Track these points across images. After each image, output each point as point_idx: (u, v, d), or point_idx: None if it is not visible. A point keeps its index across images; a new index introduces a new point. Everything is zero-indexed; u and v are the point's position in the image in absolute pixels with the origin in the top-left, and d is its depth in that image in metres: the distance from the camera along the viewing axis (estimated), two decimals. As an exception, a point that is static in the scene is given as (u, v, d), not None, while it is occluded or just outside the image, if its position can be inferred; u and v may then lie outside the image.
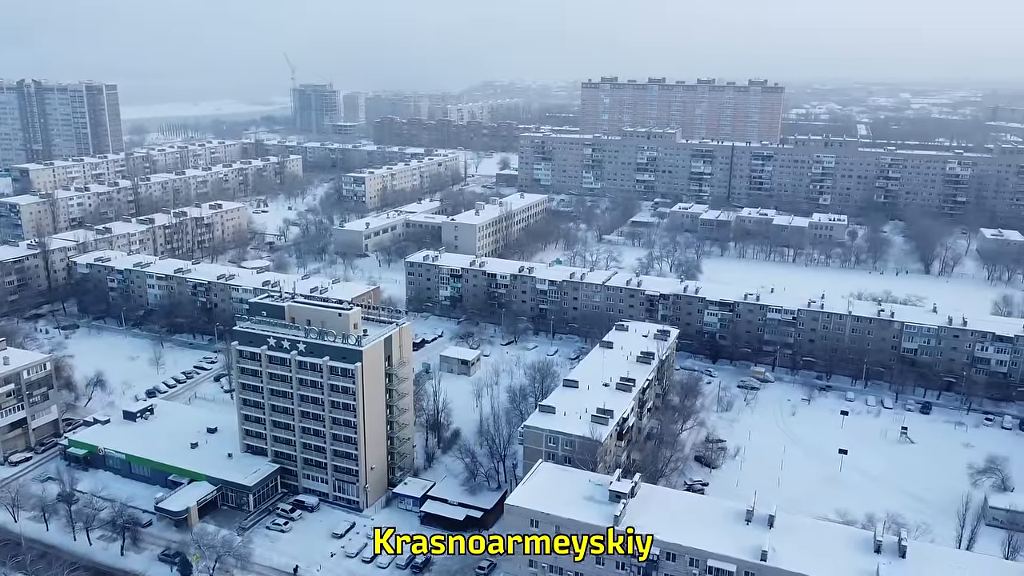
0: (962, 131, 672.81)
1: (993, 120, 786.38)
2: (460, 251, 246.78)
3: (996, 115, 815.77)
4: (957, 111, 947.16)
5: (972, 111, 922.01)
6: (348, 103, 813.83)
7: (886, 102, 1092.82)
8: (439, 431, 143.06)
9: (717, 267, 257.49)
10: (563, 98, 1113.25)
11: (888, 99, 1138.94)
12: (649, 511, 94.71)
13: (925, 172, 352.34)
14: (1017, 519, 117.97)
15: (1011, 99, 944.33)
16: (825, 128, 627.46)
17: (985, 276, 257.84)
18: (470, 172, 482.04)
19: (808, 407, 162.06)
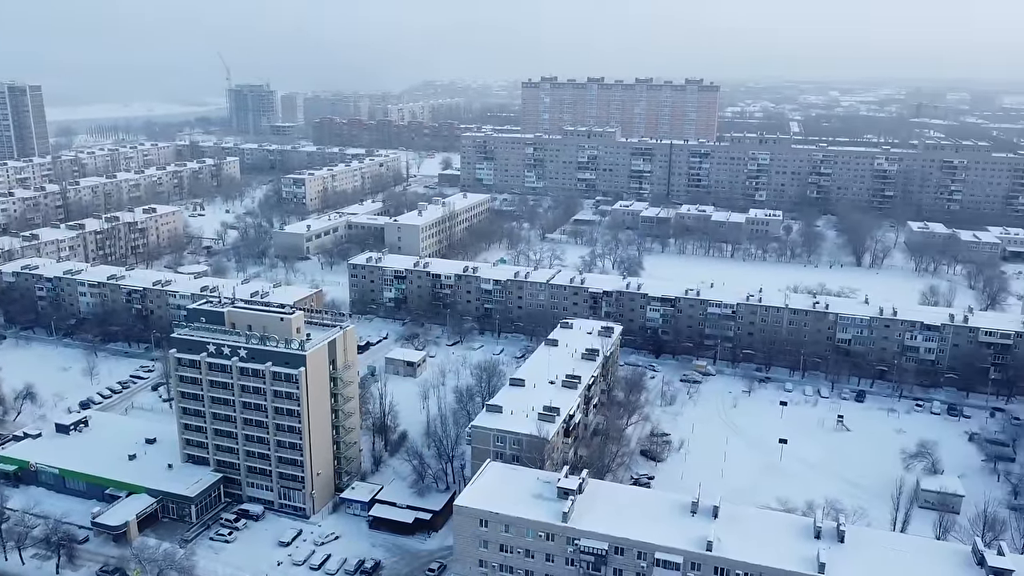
0: (888, 128, 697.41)
1: (917, 117, 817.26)
2: (404, 252, 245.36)
3: (920, 112, 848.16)
4: (883, 109, 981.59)
5: (897, 108, 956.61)
6: (286, 103, 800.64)
7: (817, 100, 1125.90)
8: (386, 434, 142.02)
9: (658, 263, 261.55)
10: (504, 97, 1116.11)
11: (818, 97, 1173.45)
12: (596, 507, 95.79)
13: (855, 168, 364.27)
14: (947, 500, 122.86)
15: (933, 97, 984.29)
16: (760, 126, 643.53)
17: (913, 267, 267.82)
18: (412, 172, 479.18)
19: (749, 399, 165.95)
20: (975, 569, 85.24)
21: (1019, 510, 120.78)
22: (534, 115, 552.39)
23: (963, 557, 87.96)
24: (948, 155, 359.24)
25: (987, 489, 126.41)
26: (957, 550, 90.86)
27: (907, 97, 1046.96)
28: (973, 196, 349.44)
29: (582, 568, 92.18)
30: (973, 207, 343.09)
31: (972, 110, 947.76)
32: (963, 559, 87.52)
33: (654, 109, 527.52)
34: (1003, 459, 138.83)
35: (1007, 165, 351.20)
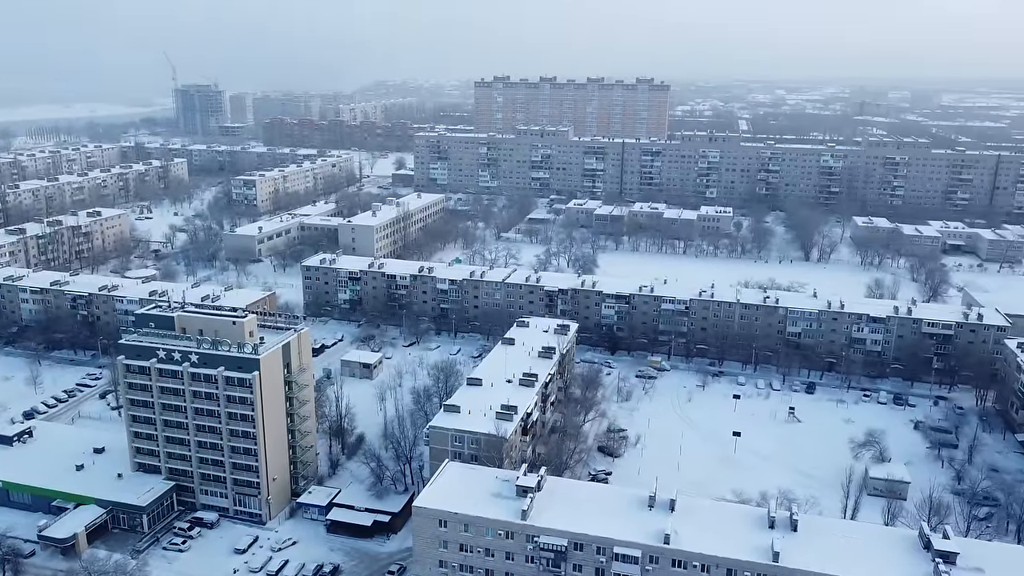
0: (833, 125, 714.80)
1: (860, 115, 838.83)
2: (358, 253, 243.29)
3: (863, 110, 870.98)
4: (828, 107, 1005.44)
5: (841, 107, 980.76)
6: (235, 104, 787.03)
7: (764, 99, 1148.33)
8: (343, 437, 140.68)
9: (612, 261, 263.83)
10: (457, 97, 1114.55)
11: (766, 96, 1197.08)
12: (555, 504, 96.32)
13: (802, 165, 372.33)
14: (894, 487, 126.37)
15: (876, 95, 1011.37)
16: (709, 124, 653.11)
17: (859, 261, 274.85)
18: (365, 173, 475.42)
19: (703, 393, 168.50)
20: (922, 553, 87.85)
21: (962, 495, 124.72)
22: (487, 115, 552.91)
23: (910, 541, 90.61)
24: (890, 152, 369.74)
25: (932, 475, 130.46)
26: (905, 535, 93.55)
27: (851, 96, 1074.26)
28: (914, 191, 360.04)
29: (542, 565, 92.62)
30: (915, 202, 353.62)
31: (912, 108, 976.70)
32: (910, 543, 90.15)
33: (606, 108, 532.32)
34: (946, 446, 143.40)
35: (946, 161, 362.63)
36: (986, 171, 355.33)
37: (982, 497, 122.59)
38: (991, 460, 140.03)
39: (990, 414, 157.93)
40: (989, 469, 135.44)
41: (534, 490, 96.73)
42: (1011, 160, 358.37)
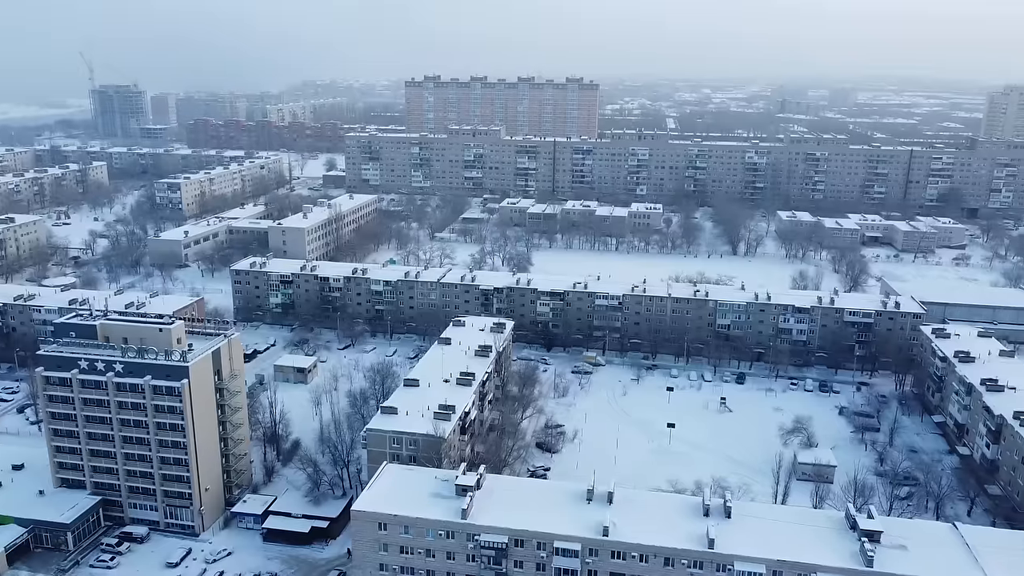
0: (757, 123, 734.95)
1: (782, 112, 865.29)
2: (289, 256, 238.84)
3: (784, 108, 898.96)
4: (752, 105, 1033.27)
5: (764, 104, 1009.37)
6: (157, 105, 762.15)
7: (690, 97, 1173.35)
8: (278, 443, 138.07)
9: (546, 259, 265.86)
10: (388, 97, 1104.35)
11: (692, 94, 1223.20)
12: (495, 501, 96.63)
13: (728, 161, 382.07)
14: (822, 471, 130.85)
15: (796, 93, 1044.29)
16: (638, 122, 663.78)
17: (783, 254, 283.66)
18: (295, 174, 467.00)
19: (637, 386, 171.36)
20: (848, 533, 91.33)
21: (885, 476, 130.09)
22: (418, 114, 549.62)
23: (838, 522, 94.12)
24: (811, 148, 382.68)
25: (856, 458, 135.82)
26: (832, 516, 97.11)
27: (773, 94, 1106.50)
28: (834, 186, 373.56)
29: (483, 563, 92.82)
30: (834, 196, 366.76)
31: (831, 106, 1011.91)
32: (838, 524, 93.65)
33: (537, 107, 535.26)
34: (869, 430, 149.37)
35: (863, 156, 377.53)
36: (900, 165, 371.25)
37: (903, 477, 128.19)
38: (910, 442, 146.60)
39: (908, 398, 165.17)
40: (909, 450, 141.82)
41: (473, 489, 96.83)
42: (922, 155, 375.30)
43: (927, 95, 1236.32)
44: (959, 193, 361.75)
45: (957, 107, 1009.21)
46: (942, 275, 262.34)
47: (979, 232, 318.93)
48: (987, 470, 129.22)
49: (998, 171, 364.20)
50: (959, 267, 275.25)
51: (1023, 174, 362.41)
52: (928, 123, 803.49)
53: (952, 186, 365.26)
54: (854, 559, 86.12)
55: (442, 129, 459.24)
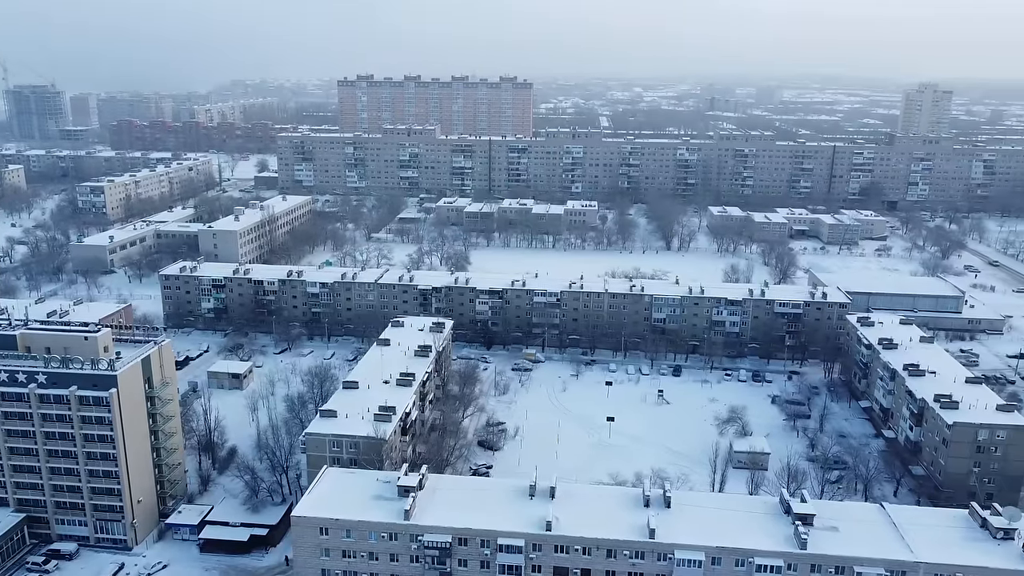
0: (687, 121, 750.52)
1: (711, 110, 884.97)
2: (221, 259, 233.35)
3: (713, 105, 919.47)
4: (682, 103, 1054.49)
5: (694, 102, 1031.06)
6: (77, 105, 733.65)
7: (622, 96, 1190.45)
8: (213, 451, 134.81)
9: (484, 257, 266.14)
10: (320, 96, 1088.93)
11: (624, 93, 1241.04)
12: (438, 501, 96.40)
13: (660, 158, 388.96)
14: (756, 459, 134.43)
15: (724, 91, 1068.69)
16: (572, 121, 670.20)
17: (715, 248, 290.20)
18: (226, 176, 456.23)
19: (577, 381, 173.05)
20: (783, 517, 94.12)
21: (816, 461, 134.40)
22: (352, 114, 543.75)
23: (772, 507, 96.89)
24: (740, 144, 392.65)
25: (789, 445, 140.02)
26: (767, 502, 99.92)
27: (702, 92, 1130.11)
28: (762, 181, 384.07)
29: (427, 563, 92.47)
30: (763, 191, 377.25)
31: (758, 103, 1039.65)
32: (772, 509, 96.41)
33: (471, 106, 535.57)
34: (800, 417, 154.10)
35: (789, 152, 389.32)
36: (824, 161, 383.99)
37: (833, 462, 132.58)
38: (839, 427, 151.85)
39: (837, 385, 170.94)
40: (838, 435, 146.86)
41: (416, 489, 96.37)
42: (845, 150, 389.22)
43: (848, 93, 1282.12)
44: (879, 187, 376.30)
45: (876, 104, 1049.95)
46: (865, 266, 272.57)
47: (899, 224, 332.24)
48: (911, 452, 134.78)
49: (915, 165, 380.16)
50: (881, 258, 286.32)
51: (938, 168, 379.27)
52: (849, 119, 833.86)
53: (873, 180, 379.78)
54: (788, 542, 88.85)
55: (376, 129, 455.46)
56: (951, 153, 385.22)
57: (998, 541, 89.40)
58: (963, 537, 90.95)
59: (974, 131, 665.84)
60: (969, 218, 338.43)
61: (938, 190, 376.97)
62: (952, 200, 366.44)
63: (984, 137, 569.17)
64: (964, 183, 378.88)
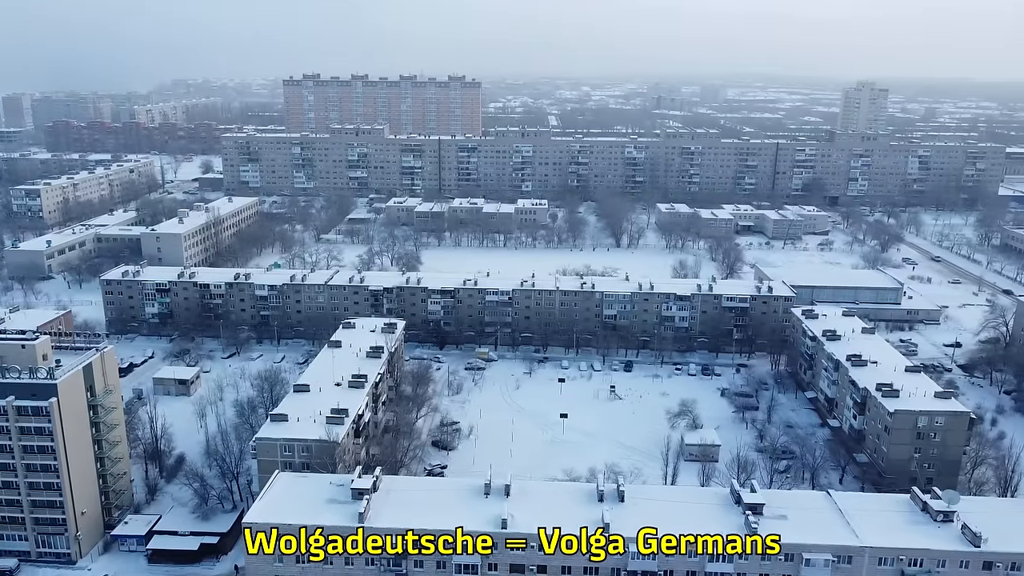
0: (635, 119, 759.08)
1: (658, 109, 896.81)
2: (165, 263, 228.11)
3: (660, 104, 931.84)
4: (629, 101, 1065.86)
5: (641, 101, 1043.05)
6: (9, 106, 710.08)
7: (571, 95, 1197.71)
8: (160, 459, 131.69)
9: (435, 257, 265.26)
10: (265, 96, 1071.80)
11: (572, 92, 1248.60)
12: (393, 503, 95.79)
13: (608, 157, 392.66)
14: (707, 451, 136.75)
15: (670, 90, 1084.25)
16: (521, 120, 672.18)
17: (664, 245, 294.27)
18: (168, 178, 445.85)
19: (530, 379, 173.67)
20: (734, 507, 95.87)
21: (764, 451, 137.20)
22: (298, 114, 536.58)
23: (723, 498, 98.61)
24: (686, 142, 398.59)
25: (738, 436, 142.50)
26: (719, 493, 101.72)
27: (649, 91, 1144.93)
28: (709, 178, 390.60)
29: (383, 566, 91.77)
30: (709, 188, 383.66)
31: (703, 102, 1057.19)
32: (723, 500, 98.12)
33: (420, 106, 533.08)
34: (749, 408, 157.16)
35: (734, 149, 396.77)
36: (768, 158, 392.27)
37: (781, 451, 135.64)
38: (787, 418, 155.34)
39: (783, 376, 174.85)
40: (785, 426, 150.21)
41: (370, 492, 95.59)
42: (788, 147, 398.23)
43: (789, 91, 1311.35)
44: (821, 183, 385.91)
45: (816, 102, 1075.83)
46: (809, 260, 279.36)
47: (840, 219, 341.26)
48: (855, 440, 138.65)
49: (854, 161, 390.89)
50: (824, 252, 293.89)
51: (876, 164, 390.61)
52: (791, 117, 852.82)
53: (815, 176, 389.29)
54: (740, 531, 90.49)
55: (324, 129, 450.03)
56: (888, 149, 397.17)
57: (938, 524, 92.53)
58: (905, 521, 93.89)
59: (909, 128, 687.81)
60: (906, 212, 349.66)
61: (876, 185, 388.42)
62: (890, 195, 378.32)
63: (919, 134, 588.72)
64: (901, 178, 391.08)
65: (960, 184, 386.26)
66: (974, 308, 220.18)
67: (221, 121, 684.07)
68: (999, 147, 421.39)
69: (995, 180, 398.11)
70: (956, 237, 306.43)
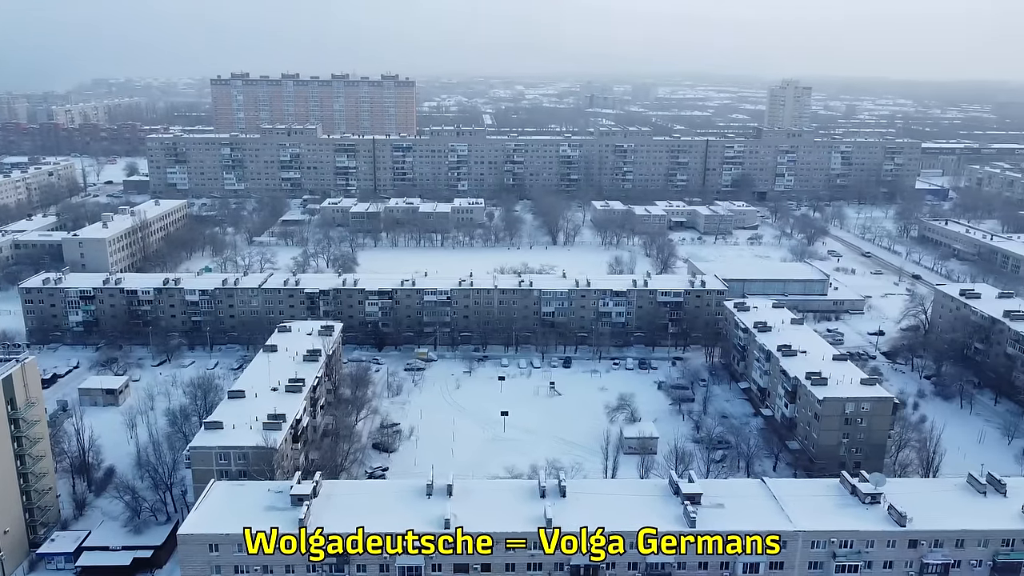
0: (568, 118, 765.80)
1: (591, 107, 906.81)
2: (89, 270, 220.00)
3: (593, 103, 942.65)
4: (563, 100, 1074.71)
5: (574, 100, 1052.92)
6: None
7: (505, 94, 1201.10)
8: (88, 473, 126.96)
9: (372, 258, 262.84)
10: (192, 96, 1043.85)
11: (506, 91, 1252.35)
12: (333, 507, 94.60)
13: (543, 155, 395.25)
14: (646, 444, 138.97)
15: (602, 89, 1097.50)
16: (456, 119, 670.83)
17: (599, 242, 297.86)
18: (91, 181, 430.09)
19: (470, 378, 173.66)
20: (673, 498, 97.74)
21: (701, 442, 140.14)
22: (227, 114, 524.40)
23: (662, 489, 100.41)
24: (619, 140, 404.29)
25: (676, 428, 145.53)
26: (658, 484, 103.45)
27: (581, 90, 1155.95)
28: (642, 175, 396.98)
29: (324, 571, 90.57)
30: (642, 185, 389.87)
31: (634, 100, 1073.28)
32: (663, 491, 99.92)
33: (353, 105, 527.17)
34: (685, 401, 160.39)
35: (665, 147, 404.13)
36: (698, 155, 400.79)
37: (717, 442, 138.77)
38: (721, 408, 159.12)
39: (717, 368, 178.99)
40: (720, 416, 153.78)
41: (310, 497, 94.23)
42: (717, 144, 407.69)
43: (718, 89, 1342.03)
44: (749, 178, 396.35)
45: (744, 100, 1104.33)
46: (739, 254, 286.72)
47: (768, 213, 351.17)
48: (787, 428, 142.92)
49: (781, 157, 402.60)
50: (753, 246, 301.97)
51: (801, 160, 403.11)
52: (720, 115, 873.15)
53: (743, 172, 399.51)
54: (679, 522, 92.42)
55: (254, 129, 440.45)
56: (813, 146, 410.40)
57: (867, 505, 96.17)
58: (836, 504, 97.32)
59: (832, 125, 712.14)
60: (830, 206, 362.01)
61: (802, 180, 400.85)
62: (815, 190, 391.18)
63: (841, 130, 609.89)
64: (825, 174, 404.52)
65: (880, 178, 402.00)
66: (895, 297, 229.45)
67: (146, 122, 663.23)
68: (915, 143, 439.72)
69: (912, 174, 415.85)
70: (877, 229, 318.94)
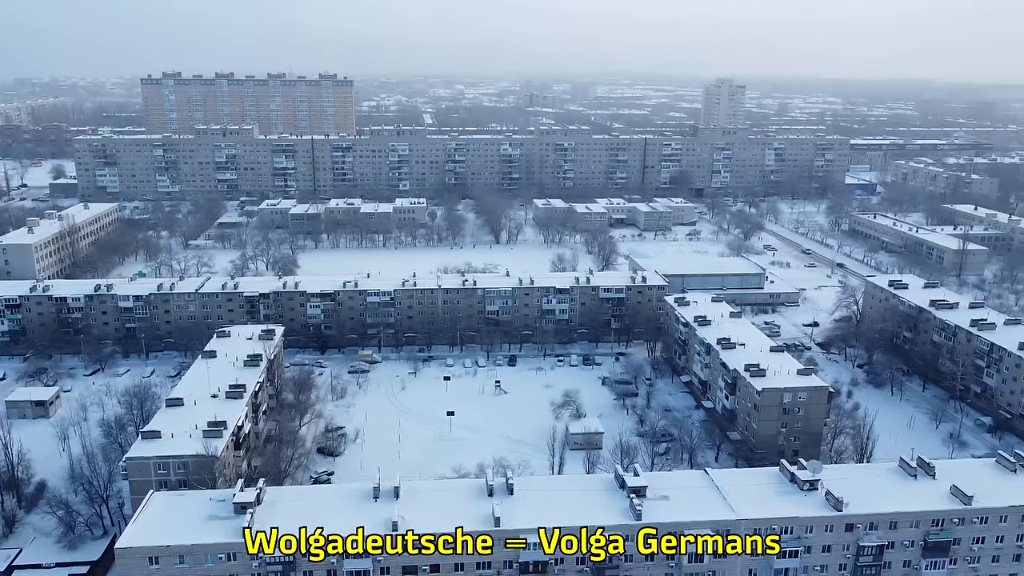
0: (509, 116, 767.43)
1: (531, 106, 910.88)
2: (14, 277, 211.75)
3: (533, 102, 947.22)
4: (503, 99, 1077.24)
5: (515, 99, 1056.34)
6: None
7: (445, 93, 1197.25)
8: (18, 488, 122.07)
9: (313, 260, 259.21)
10: (121, 96, 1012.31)
11: (446, 90, 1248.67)
12: (278, 514, 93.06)
13: (484, 154, 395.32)
14: (591, 439, 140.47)
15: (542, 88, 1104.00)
16: (396, 119, 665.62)
17: (542, 240, 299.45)
18: (14, 184, 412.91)
19: (415, 379, 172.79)
20: (619, 492, 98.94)
21: (645, 436, 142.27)
22: (159, 114, 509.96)
23: (609, 484, 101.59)
24: (559, 139, 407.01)
25: (620, 423, 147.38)
26: (604, 479, 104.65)
27: (521, 89, 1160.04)
28: (582, 173, 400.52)
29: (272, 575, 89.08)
30: (583, 183, 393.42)
31: (573, 99, 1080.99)
32: (608, 485, 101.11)
33: (291, 105, 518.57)
34: (628, 395, 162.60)
35: (605, 145, 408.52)
36: (637, 152, 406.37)
37: (660, 435, 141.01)
38: (664, 402, 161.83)
39: (660, 362, 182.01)
40: (664, 410, 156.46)
41: (253, 505, 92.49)
42: (655, 142, 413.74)
43: (655, 88, 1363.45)
44: (687, 175, 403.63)
45: (680, 98, 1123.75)
46: (679, 250, 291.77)
47: (706, 209, 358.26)
48: (728, 419, 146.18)
49: (717, 155, 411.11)
50: (692, 242, 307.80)
51: (736, 157, 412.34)
52: (657, 113, 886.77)
53: (681, 169, 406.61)
54: (625, 515, 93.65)
55: (187, 130, 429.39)
56: (747, 143, 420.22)
57: (805, 492, 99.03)
58: (776, 492, 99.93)
59: (765, 122, 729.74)
60: (765, 201, 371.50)
61: (738, 177, 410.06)
62: (750, 186, 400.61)
63: (774, 128, 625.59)
64: (759, 170, 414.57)
65: (812, 174, 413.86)
66: (828, 290, 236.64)
67: (73, 123, 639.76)
68: (844, 139, 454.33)
69: (842, 170, 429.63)
70: (810, 223, 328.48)
